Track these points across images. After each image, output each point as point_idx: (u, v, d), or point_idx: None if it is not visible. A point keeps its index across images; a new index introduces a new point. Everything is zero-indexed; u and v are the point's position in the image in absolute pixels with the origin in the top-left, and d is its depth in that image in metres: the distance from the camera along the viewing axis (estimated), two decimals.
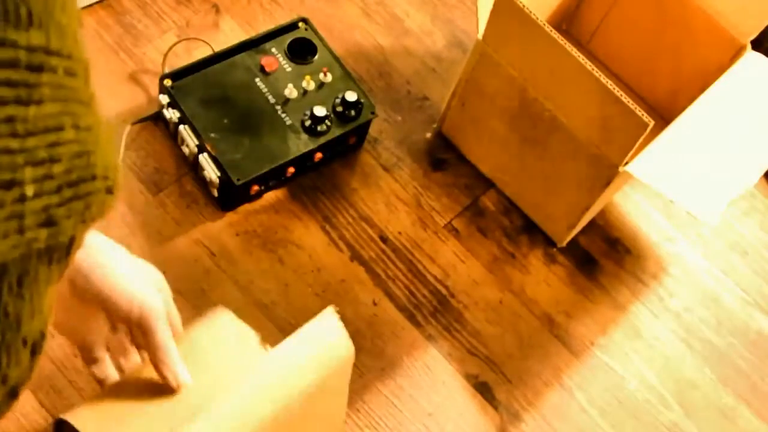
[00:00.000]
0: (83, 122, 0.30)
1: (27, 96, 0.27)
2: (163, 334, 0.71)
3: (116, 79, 1.10)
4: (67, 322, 0.72)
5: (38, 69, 0.28)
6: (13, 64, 0.27)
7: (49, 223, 0.29)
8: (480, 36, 1.02)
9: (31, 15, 0.27)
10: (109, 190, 0.32)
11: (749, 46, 1.10)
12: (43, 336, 0.33)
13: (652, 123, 0.90)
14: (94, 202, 0.31)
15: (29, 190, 0.28)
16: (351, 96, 1.06)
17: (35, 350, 0.32)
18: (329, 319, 0.77)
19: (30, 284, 0.30)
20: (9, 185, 0.27)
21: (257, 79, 1.07)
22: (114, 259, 0.70)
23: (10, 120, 0.27)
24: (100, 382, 0.77)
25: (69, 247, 0.32)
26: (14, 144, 0.27)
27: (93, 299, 0.70)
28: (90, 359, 0.76)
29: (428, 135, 1.17)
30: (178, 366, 0.72)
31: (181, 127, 1.03)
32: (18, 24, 0.27)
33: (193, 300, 0.97)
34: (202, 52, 1.12)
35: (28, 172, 0.28)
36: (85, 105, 0.31)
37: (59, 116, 0.29)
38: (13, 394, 0.32)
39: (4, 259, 0.28)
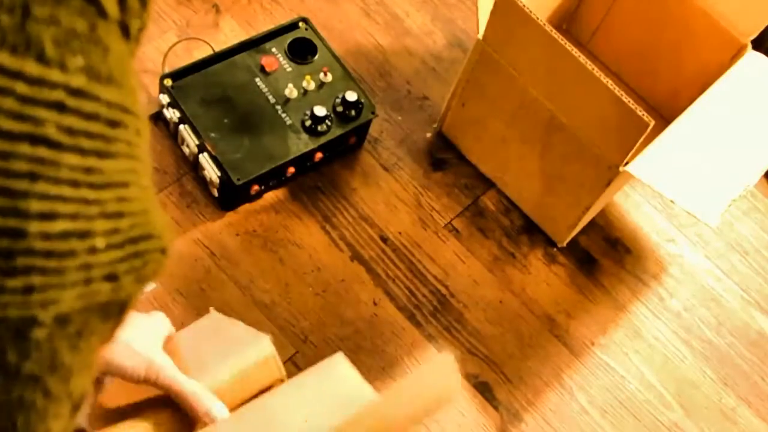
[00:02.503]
0: (145, 181, 0.31)
1: (105, 149, 0.28)
2: (178, 383, 0.71)
3: None
4: None
5: (115, 124, 0.29)
6: (95, 117, 0.28)
7: (112, 277, 0.29)
8: (480, 36, 1.02)
9: (111, 72, 0.28)
10: (163, 251, 0.33)
11: (749, 46, 1.10)
12: (84, 397, 0.33)
13: (652, 123, 0.90)
14: (151, 260, 0.32)
15: (100, 243, 0.28)
16: (351, 96, 1.06)
17: (76, 407, 0.32)
18: (447, 367, 0.75)
19: (87, 338, 0.30)
20: (83, 235, 0.28)
21: (257, 79, 1.07)
22: None
23: (89, 171, 0.28)
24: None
25: (124, 305, 0.32)
26: (91, 195, 0.28)
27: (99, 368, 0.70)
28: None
29: (428, 135, 1.17)
30: (207, 402, 0.71)
31: (181, 126, 1.03)
32: (100, 79, 0.28)
33: (193, 300, 0.97)
34: (202, 52, 1.11)
35: (100, 225, 0.28)
36: (146, 165, 0.32)
37: (128, 173, 0.30)
38: None
39: (68, 309, 0.28)
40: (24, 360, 0.28)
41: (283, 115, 1.05)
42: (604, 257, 1.15)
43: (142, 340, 0.73)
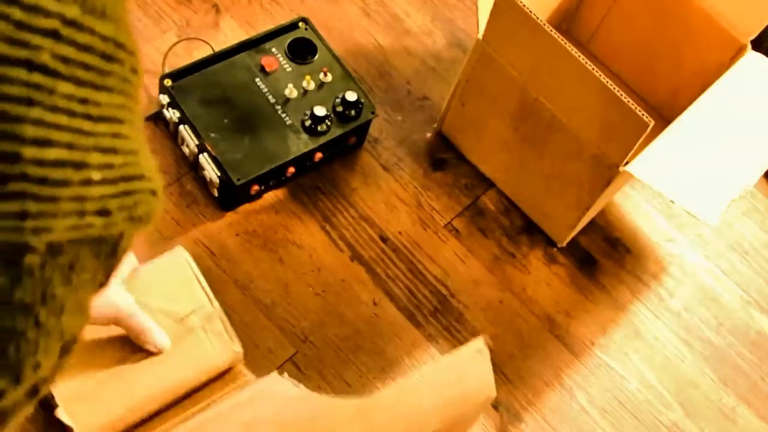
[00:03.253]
0: (137, 120, 0.31)
1: (101, 82, 0.28)
2: (140, 323, 0.82)
3: None
4: None
5: (110, 58, 0.29)
6: (90, 49, 0.28)
7: (105, 212, 0.30)
8: (480, 36, 1.02)
9: (105, 7, 0.28)
10: (154, 192, 0.33)
11: (749, 46, 1.10)
12: (75, 340, 0.33)
13: (652, 123, 0.90)
14: (141, 201, 0.32)
15: (95, 175, 0.29)
16: (351, 96, 1.06)
17: (66, 349, 0.32)
18: (481, 357, 0.78)
19: (79, 272, 0.31)
20: (78, 166, 0.28)
21: (257, 79, 1.07)
22: None
23: (84, 101, 0.28)
24: None
25: (117, 244, 0.32)
26: (86, 126, 0.28)
27: None
28: None
29: (428, 135, 1.17)
30: (157, 337, 0.84)
31: (181, 127, 1.03)
32: (94, 13, 0.28)
33: None
34: (202, 52, 1.12)
35: (95, 157, 0.28)
36: (138, 104, 0.32)
37: (122, 109, 0.30)
38: (35, 392, 0.32)
39: (60, 239, 0.28)
40: (16, 286, 0.28)
41: (283, 115, 1.05)
42: (604, 257, 1.15)
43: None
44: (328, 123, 1.05)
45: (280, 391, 0.80)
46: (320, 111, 1.04)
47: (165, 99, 1.04)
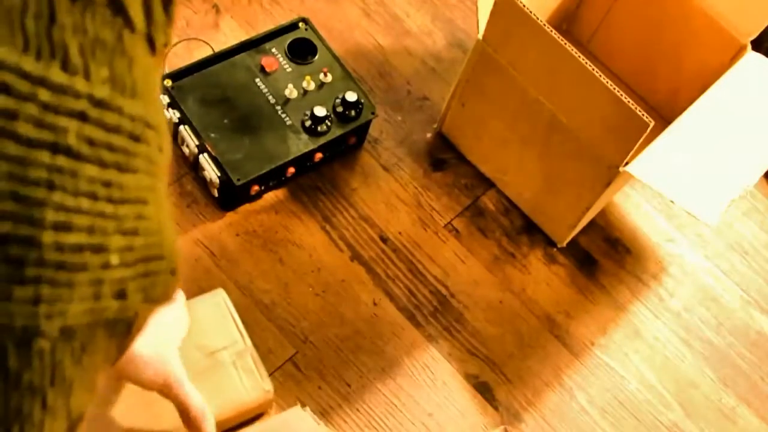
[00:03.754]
0: (161, 200, 0.31)
1: (125, 164, 0.28)
2: (188, 399, 0.74)
3: None
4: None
5: (137, 139, 0.28)
6: (117, 130, 0.27)
7: (121, 295, 0.29)
8: (480, 36, 1.02)
9: (135, 85, 0.28)
10: (173, 272, 0.32)
11: (749, 46, 1.10)
12: (81, 417, 0.32)
13: (652, 123, 0.90)
14: (160, 282, 0.31)
15: (115, 258, 0.28)
16: (351, 96, 1.06)
17: (73, 426, 0.32)
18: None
19: (91, 354, 0.30)
20: (98, 249, 0.27)
21: (257, 79, 1.07)
22: None
23: (108, 184, 0.27)
24: None
25: (131, 324, 0.31)
26: (109, 209, 0.27)
27: (114, 373, 0.71)
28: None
29: (428, 135, 1.17)
30: (207, 425, 0.76)
31: (181, 127, 1.03)
32: (124, 92, 0.27)
33: None
34: (202, 52, 1.12)
35: (116, 241, 0.28)
36: (165, 182, 0.31)
37: (147, 190, 0.29)
38: None
39: (75, 323, 0.28)
40: (25, 369, 0.27)
41: (283, 116, 1.05)
42: (604, 257, 1.15)
43: (162, 346, 0.74)
44: (328, 123, 1.05)
45: (301, 426, 0.80)
46: (320, 111, 1.04)
47: (165, 99, 1.04)
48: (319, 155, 1.06)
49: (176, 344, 0.77)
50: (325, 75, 1.09)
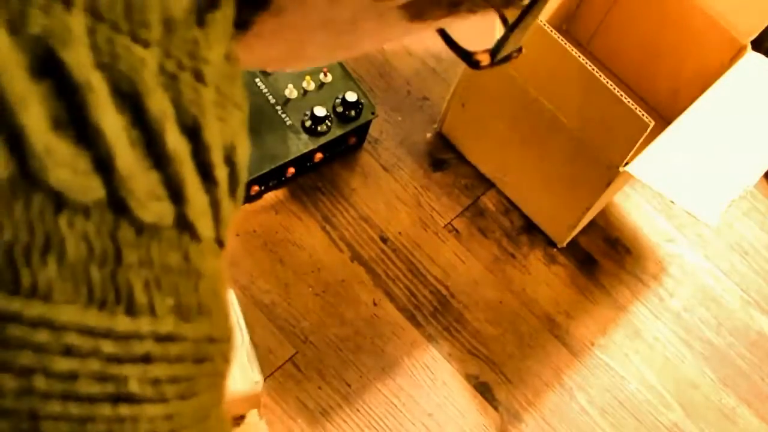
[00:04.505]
0: (224, 410, 0.28)
1: (188, 390, 0.25)
2: None
3: None
4: None
5: (202, 360, 0.26)
6: (181, 359, 0.25)
7: None
8: None
9: (200, 302, 0.25)
10: None
11: (749, 46, 1.10)
12: None
13: (652, 123, 0.90)
14: None
15: None
16: (351, 96, 1.06)
17: None
18: None
19: None
20: None
21: (257, 79, 1.07)
22: None
23: (169, 417, 0.25)
24: None
25: None
26: None
27: None
28: None
29: (428, 135, 1.17)
30: None
31: None
32: (189, 316, 0.25)
33: None
34: None
35: None
36: (226, 382, 0.29)
37: (209, 407, 0.27)
38: None
39: None
40: None
41: (283, 116, 1.05)
42: (604, 257, 1.15)
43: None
44: (328, 123, 1.05)
45: None
46: (320, 111, 1.04)
47: None
48: (319, 155, 1.06)
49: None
50: (325, 75, 1.08)
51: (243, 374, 0.87)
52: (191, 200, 0.25)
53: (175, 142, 0.24)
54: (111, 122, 0.22)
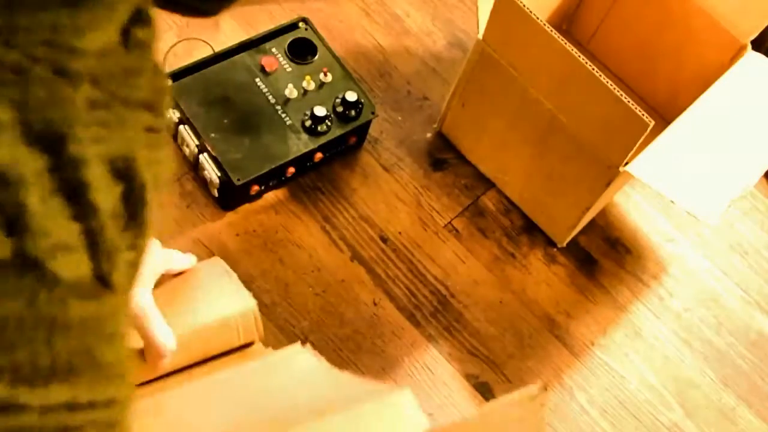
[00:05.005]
0: None
1: None
2: (152, 333, 0.73)
3: None
4: None
5: (65, 430, 0.23)
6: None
7: None
8: (480, 36, 1.02)
9: (55, 364, 0.22)
10: None
11: (749, 46, 1.10)
12: None
13: (652, 123, 0.90)
14: None
15: None
16: (351, 96, 1.06)
17: None
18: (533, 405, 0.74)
19: None
20: None
21: (257, 79, 1.07)
22: None
23: None
24: None
25: None
26: None
27: None
28: None
29: (428, 135, 1.17)
30: (161, 361, 0.74)
31: (181, 127, 1.03)
32: (34, 380, 0.21)
33: None
34: (202, 52, 1.11)
35: None
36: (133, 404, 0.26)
37: None
38: None
39: None
40: None
41: (283, 116, 1.05)
42: (604, 257, 1.15)
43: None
44: (328, 123, 1.05)
45: (300, 361, 0.79)
46: (320, 111, 1.04)
47: None
48: (319, 155, 1.06)
49: (149, 280, 0.75)
50: (325, 75, 1.08)
51: (238, 295, 0.84)
52: (36, 230, 0.20)
53: (11, 156, 0.19)
54: None
